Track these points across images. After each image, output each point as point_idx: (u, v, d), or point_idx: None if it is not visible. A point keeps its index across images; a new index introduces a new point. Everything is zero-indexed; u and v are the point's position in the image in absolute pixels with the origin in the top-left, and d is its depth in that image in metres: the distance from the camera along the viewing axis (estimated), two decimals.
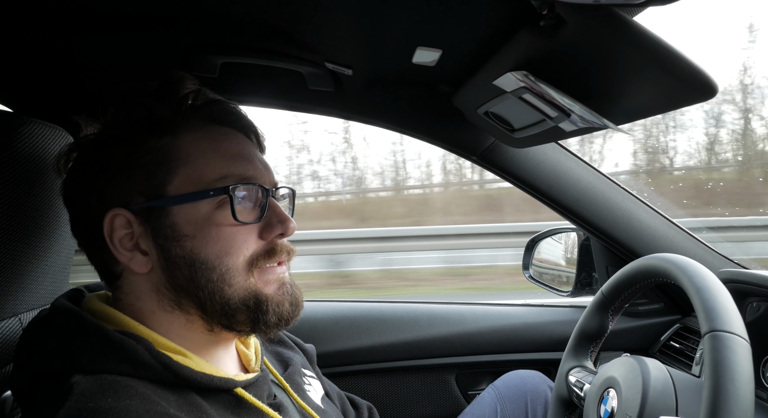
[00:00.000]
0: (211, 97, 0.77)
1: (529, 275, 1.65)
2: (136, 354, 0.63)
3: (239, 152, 0.74)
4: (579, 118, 0.82)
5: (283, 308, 0.73)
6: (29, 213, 0.78)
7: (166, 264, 0.69)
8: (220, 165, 0.71)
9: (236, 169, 0.71)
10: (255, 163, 0.74)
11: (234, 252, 0.69)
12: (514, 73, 0.81)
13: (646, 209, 1.36)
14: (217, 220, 0.69)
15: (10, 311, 0.79)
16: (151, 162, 0.70)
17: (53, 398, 0.59)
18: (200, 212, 0.69)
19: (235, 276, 0.69)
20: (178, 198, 0.69)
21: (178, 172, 0.70)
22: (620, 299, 1.00)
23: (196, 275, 0.69)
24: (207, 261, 0.69)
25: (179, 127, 0.72)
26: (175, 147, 0.70)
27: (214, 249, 0.69)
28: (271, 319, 0.71)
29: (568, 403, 1.07)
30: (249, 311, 0.70)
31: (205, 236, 0.69)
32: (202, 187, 0.69)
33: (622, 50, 0.66)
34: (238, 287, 0.70)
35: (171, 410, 0.61)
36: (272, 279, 0.73)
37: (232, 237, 0.70)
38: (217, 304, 0.69)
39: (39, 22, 0.89)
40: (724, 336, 0.69)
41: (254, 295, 0.71)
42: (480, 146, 1.27)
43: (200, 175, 0.70)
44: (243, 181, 0.71)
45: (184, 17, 0.91)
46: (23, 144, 0.77)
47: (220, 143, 0.73)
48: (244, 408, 0.70)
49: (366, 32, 0.91)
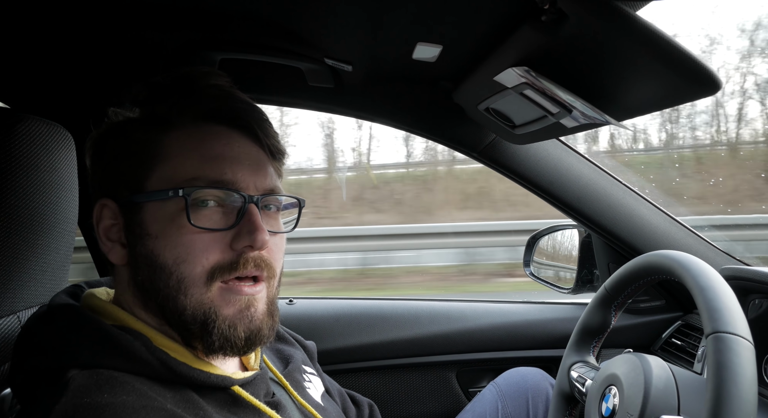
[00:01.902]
0: (214, 93, 0.72)
1: (530, 272, 1.64)
2: (132, 350, 0.63)
3: (221, 153, 0.69)
4: (580, 114, 0.82)
5: (234, 332, 0.66)
6: (27, 210, 0.78)
7: (133, 261, 0.69)
8: (195, 165, 0.67)
9: (210, 172, 0.67)
10: (238, 166, 0.69)
11: (192, 260, 0.65)
12: (515, 68, 0.80)
13: (647, 205, 1.35)
14: (180, 222, 0.65)
15: (9, 309, 0.79)
16: (136, 156, 0.69)
17: (50, 393, 0.59)
18: (166, 212, 0.66)
19: (191, 286, 0.65)
20: (148, 195, 0.67)
21: (156, 169, 0.68)
22: (623, 294, 0.99)
23: (154, 278, 0.66)
24: (165, 265, 0.65)
25: (171, 123, 0.70)
26: (160, 143, 0.69)
27: (173, 253, 0.65)
28: (214, 341, 0.66)
29: (570, 398, 1.06)
30: (195, 327, 0.66)
31: (166, 238, 0.66)
32: (170, 187, 0.66)
33: (624, 45, 0.65)
34: (193, 299, 0.65)
35: (168, 405, 0.61)
36: (235, 300, 0.67)
37: (191, 243, 0.65)
38: (171, 312, 0.66)
39: (37, 19, 0.89)
40: (727, 338, 0.69)
41: (204, 311, 0.65)
42: (481, 143, 1.26)
43: (173, 174, 0.67)
44: (215, 184, 0.66)
45: (183, 13, 0.90)
46: (20, 141, 0.77)
47: (204, 143, 0.69)
48: (241, 406, 0.70)
49: (366, 28, 0.91)
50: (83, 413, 0.55)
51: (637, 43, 0.63)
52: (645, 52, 0.64)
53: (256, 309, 0.69)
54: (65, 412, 0.55)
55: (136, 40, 0.99)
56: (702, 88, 0.66)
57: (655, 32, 0.61)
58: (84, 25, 0.92)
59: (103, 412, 0.56)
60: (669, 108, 0.76)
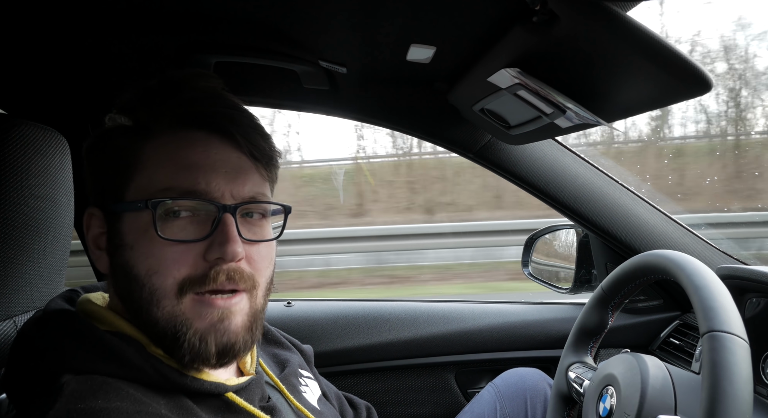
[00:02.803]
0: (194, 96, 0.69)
1: (528, 272, 1.64)
2: (126, 356, 0.63)
3: (196, 162, 0.66)
4: (574, 114, 0.82)
5: (205, 346, 0.65)
6: (22, 215, 0.78)
7: (112, 270, 0.69)
8: (169, 175, 0.65)
9: (183, 182, 0.65)
10: (212, 174, 0.66)
11: (163, 272, 0.64)
12: (508, 69, 0.81)
13: (644, 205, 1.35)
14: (151, 233, 0.64)
15: (5, 314, 0.79)
16: (116, 165, 0.68)
17: (44, 398, 0.59)
18: (140, 222, 0.65)
19: (163, 298, 0.64)
20: (125, 205, 0.67)
21: (134, 179, 0.67)
22: (620, 294, 0.99)
23: (130, 288, 0.66)
24: (138, 276, 0.65)
25: (151, 130, 0.68)
26: (139, 152, 0.67)
27: (145, 265, 0.64)
28: (185, 355, 0.64)
29: (568, 398, 1.06)
30: (166, 340, 0.65)
31: (140, 249, 0.65)
32: (145, 197, 0.65)
33: (615, 46, 0.65)
34: (165, 311, 0.64)
35: (162, 411, 0.61)
36: (207, 313, 0.65)
37: (162, 255, 0.64)
38: (146, 323, 0.66)
39: (31, 24, 0.89)
40: (722, 336, 0.69)
41: (175, 323, 0.64)
42: (477, 143, 1.26)
43: (148, 184, 0.66)
44: (187, 195, 0.65)
45: (178, 16, 0.90)
46: (15, 146, 0.77)
47: (180, 151, 0.66)
48: (234, 412, 0.69)
49: (359, 30, 0.91)
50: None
51: (628, 43, 0.63)
52: (636, 52, 0.64)
53: (230, 322, 0.67)
54: (59, 417, 0.55)
55: (131, 45, 0.99)
56: (693, 87, 0.66)
57: (645, 33, 0.62)
58: (79, 30, 0.92)
59: (97, 417, 0.55)
60: (660, 108, 0.77)
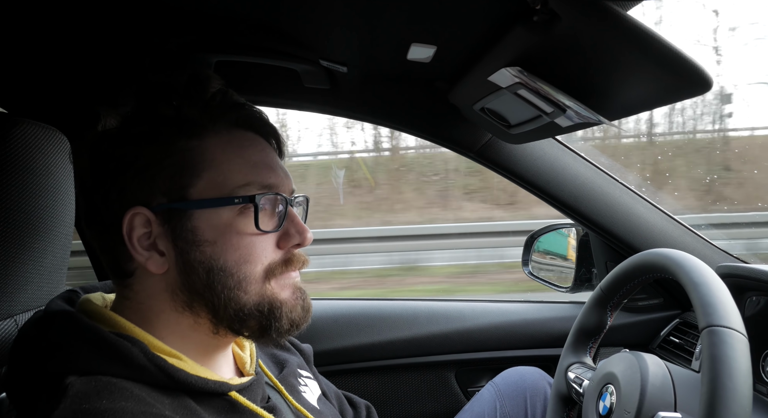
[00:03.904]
0: (236, 99, 0.75)
1: (528, 271, 1.65)
2: (130, 356, 0.63)
3: (263, 159, 0.73)
4: (574, 113, 0.82)
5: (296, 313, 0.73)
6: (23, 214, 0.78)
7: (184, 267, 0.69)
8: (245, 171, 0.70)
9: (260, 177, 0.71)
10: (277, 171, 0.73)
11: (253, 260, 0.69)
12: (508, 69, 0.81)
13: (644, 203, 1.35)
14: (238, 227, 0.69)
15: (5, 313, 0.79)
16: (177, 163, 0.68)
17: (48, 399, 0.59)
18: (222, 218, 0.68)
19: (252, 284, 0.69)
20: (201, 202, 0.68)
21: (203, 176, 0.69)
22: (619, 294, 1.00)
23: (213, 281, 0.68)
24: (225, 268, 0.68)
25: (206, 129, 0.71)
26: (201, 150, 0.69)
27: (234, 256, 0.68)
28: (284, 325, 0.71)
29: (568, 399, 1.07)
30: (262, 317, 0.70)
31: (226, 243, 0.68)
32: (225, 193, 0.69)
33: (616, 45, 0.65)
34: (254, 293, 0.70)
35: (166, 412, 0.61)
36: (287, 284, 0.73)
37: (252, 245, 0.69)
38: (231, 309, 0.69)
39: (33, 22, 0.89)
40: (721, 331, 0.69)
41: (269, 301, 0.70)
42: (477, 142, 1.26)
43: (224, 180, 0.69)
44: (265, 189, 0.71)
45: (179, 15, 0.91)
46: (16, 145, 0.77)
47: (245, 149, 0.72)
48: (238, 412, 0.70)
49: (360, 29, 0.91)
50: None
51: (628, 42, 0.63)
52: (636, 51, 0.64)
53: (302, 290, 0.75)
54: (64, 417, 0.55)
55: (132, 44, 0.99)
56: (694, 86, 0.66)
57: (645, 31, 0.62)
58: (79, 29, 0.92)
59: (102, 417, 0.56)
60: (661, 106, 0.77)
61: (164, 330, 0.70)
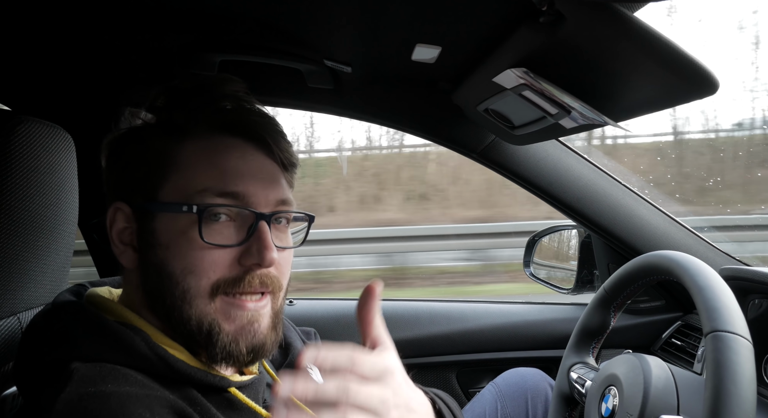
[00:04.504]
0: (225, 104, 0.71)
1: (530, 272, 1.64)
2: (133, 345, 0.64)
3: (235, 166, 0.68)
4: (579, 114, 0.82)
5: (236, 348, 0.67)
6: (27, 212, 0.78)
7: (142, 266, 0.70)
8: (206, 177, 0.67)
9: (221, 184, 0.67)
10: (251, 181, 0.68)
11: (198, 272, 0.66)
12: (513, 70, 0.80)
13: (647, 206, 1.35)
14: (191, 235, 0.66)
15: (9, 310, 0.79)
16: (152, 163, 0.69)
17: (54, 384, 0.60)
18: (178, 223, 0.67)
19: (196, 298, 0.66)
20: (162, 205, 0.68)
21: (169, 179, 0.68)
22: (622, 295, 0.99)
23: (162, 286, 0.67)
24: (172, 275, 0.66)
25: (188, 132, 0.70)
26: (174, 152, 0.69)
27: (181, 264, 0.66)
28: (217, 353, 0.67)
29: (570, 399, 1.07)
30: (200, 336, 0.67)
31: (176, 249, 0.66)
32: (182, 199, 0.67)
33: (622, 47, 0.65)
34: (198, 309, 0.66)
35: (170, 396, 0.61)
36: (237, 315, 0.67)
37: (200, 257, 0.66)
38: (175, 319, 0.68)
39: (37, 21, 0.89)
40: (726, 336, 0.69)
41: (209, 322, 0.66)
42: (480, 144, 1.26)
43: (185, 185, 0.67)
44: (226, 197, 0.67)
45: (183, 15, 0.91)
46: (21, 143, 0.77)
47: (218, 154, 0.68)
48: (236, 409, 0.70)
49: (365, 30, 0.91)
50: (88, 401, 0.56)
51: (635, 44, 0.63)
52: (642, 53, 0.64)
53: (260, 324, 0.69)
54: (70, 401, 0.56)
55: (136, 43, 0.99)
56: (700, 89, 0.66)
57: (652, 33, 0.62)
58: (84, 28, 0.92)
59: (107, 400, 0.56)
60: (668, 109, 0.76)
61: (156, 323, 0.70)
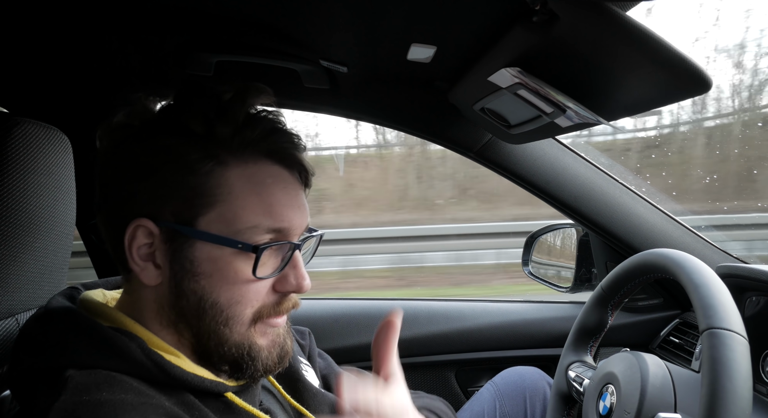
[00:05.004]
0: (273, 125, 0.70)
1: (528, 270, 1.65)
2: (128, 351, 0.63)
3: (280, 200, 0.68)
4: (574, 113, 0.82)
5: (271, 359, 0.72)
6: (24, 213, 0.78)
7: (176, 290, 0.68)
8: (257, 212, 0.66)
9: (270, 221, 0.67)
10: (293, 212, 0.69)
11: (245, 302, 0.68)
12: (508, 69, 0.81)
13: (644, 204, 1.35)
14: (237, 268, 0.66)
15: (7, 311, 0.79)
16: (194, 187, 0.65)
17: (48, 392, 0.59)
18: (223, 254, 0.66)
19: (239, 324, 0.68)
20: (206, 235, 0.66)
21: (215, 208, 0.66)
22: (619, 293, 1.00)
23: (202, 312, 0.67)
24: (217, 303, 0.67)
25: (234, 156, 0.67)
26: (221, 179, 0.66)
27: (227, 295, 0.67)
28: (258, 368, 0.71)
29: (568, 398, 1.07)
30: (239, 357, 0.70)
31: (221, 280, 0.67)
32: (230, 233, 0.66)
33: (615, 45, 0.65)
34: (237, 333, 0.69)
35: (166, 403, 0.61)
36: (269, 332, 0.72)
37: (246, 289, 0.68)
38: (212, 342, 0.68)
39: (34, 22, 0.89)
40: (721, 333, 0.69)
41: (248, 345, 0.70)
42: (477, 143, 1.26)
43: (234, 217, 0.66)
44: (274, 233, 0.68)
45: (179, 15, 0.91)
46: (17, 144, 0.77)
47: (266, 187, 0.67)
48: (234, 413, 0.70)
49: (360, 30, 0.91)
50: (82, 409, 0.56)
51: (628, 43, 0.63)
52: (635, 51, 0.64)
53: (284, 336, 0.74)
54: (65, 409, 0.56)
55: (133, 43, 0.99)
56: (693, 87, 0.66)
57: (645, 32, 0.62)
58: (80, 28, 0.92)
59: (102, 408, 0.56)
60: (661, 107, 0.77)
61: (158, 330, 0.70)
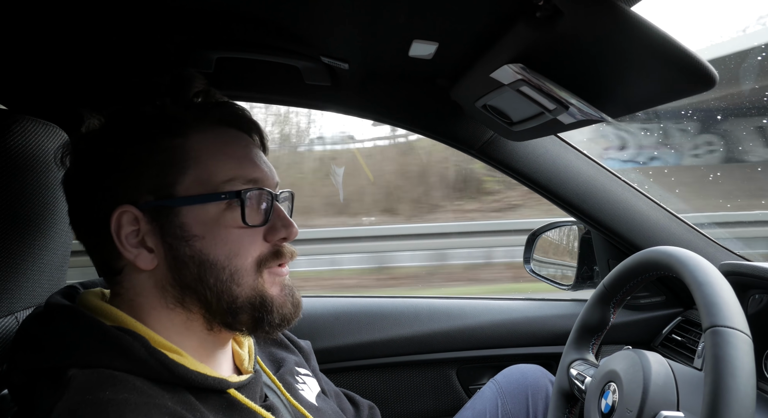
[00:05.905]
0: (218, 98, 0.77)
1: (530, 268, 1.64)
2: (131, 350, 0.63)
3: (246, 155, 0.74)
4: (577, 110, 0.81)
5: (286, 308, 0.75)
6: (24, 211, 0.78)
7: (174, 262, 0.70)
8: (229, 167, 0.72)
9: (244, 172, 0.72)
10: (261, 166, 0.75)
11: (243, 253, 0.71)
12: (511, 65, 0.80)
13: (646, 201, 1.35)
14: (226, 222, 0.70)
15: (6, 310, 0.79)
16: (162, 162, 0.70)
17: (51, 392, 0.59)
18: (209, 213, 0.70)
19: (244, 276, 0.71)
20: (188, 199, 0.69)
21: (188, 173, 0.70)
22: (622, 291, 0.99)
23: (204, 275, 0.70)
24: (217, 261, 0.70)
25: (190, 127, 0.72)
26: (186, 147, 0.71)
27: (224, 250, 0.70)
28: (275, 319, 0.73)
29: (570, 396, 1.06)
30: (254, 310, 0.72)
31: (215, 237, 0.70)
32: (210, 190, 0.70)
33: (618, 41, 0.65)
34: (246, 286, 0.71)
35: (169, 403, 0.61)
36: (277, 281, 0.75)
37: (240, 239, 0.71)
38: (223, 302, 0.70)
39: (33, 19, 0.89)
40: (725, 331, 0.69)
41: (260, 294, 0.72)
42: (479, 140, 1.26)
43: (209, 176, 0.70)
44: (250, 184, 0.72)
45: (180, 13, 0.90)
46: (16, 141, 0.77)
47: (229, 145, 0.74)
48: (237, 410, 0.70)
49: (362, 26, 0.91)
50: (86, 409, 0.56)
51: (632, 39, 0.63)
52: (640, 48, 0.64)
53: (290, 286, 0.77)
54: (68, 409, 0.56)
55: (133, 41, 0.99)
56: (698, 83, 0.66)
57: (649, 28, 0.61)
58: (79, 26, 0.92)
59: (105, 408, 0.56)
60: (665, 104, 0.76)
61: (159, 326, 0.70)
